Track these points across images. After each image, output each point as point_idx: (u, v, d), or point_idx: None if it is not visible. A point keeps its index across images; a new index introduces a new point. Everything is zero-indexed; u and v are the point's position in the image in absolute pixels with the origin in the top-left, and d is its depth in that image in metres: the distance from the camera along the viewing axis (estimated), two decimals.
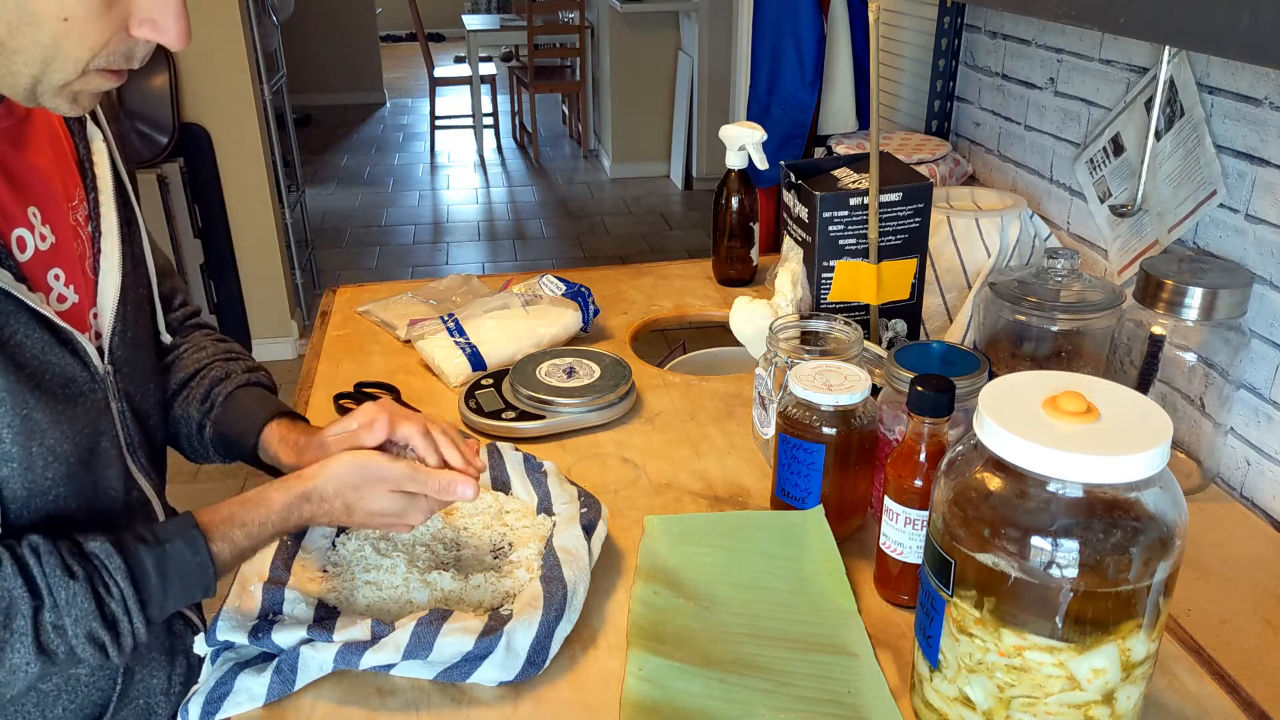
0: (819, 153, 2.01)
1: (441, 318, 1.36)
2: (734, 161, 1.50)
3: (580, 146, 6.46)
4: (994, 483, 0.66)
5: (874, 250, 1.18)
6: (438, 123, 6.58)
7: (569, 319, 1.35)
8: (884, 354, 1.06)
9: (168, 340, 0.96)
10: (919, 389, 0.81)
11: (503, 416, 1.16)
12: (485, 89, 6.50)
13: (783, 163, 1.28)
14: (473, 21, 6.55)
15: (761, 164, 1.49)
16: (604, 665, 0.82)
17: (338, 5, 7.46)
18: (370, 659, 0.77)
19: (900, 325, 1.25)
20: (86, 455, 0.80)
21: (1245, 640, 0.86)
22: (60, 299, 0.79)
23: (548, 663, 0.80)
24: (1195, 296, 0.99)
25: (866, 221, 1.18)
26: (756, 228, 1.55)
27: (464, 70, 6.50)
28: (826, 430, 0.92)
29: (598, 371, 1.22)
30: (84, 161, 0.86)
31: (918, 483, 0.82)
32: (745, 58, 3.04)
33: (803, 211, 1.22)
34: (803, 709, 0.77)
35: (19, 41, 0.65)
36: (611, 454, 1.14)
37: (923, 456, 0.82)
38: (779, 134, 2.10)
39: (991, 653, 0.67)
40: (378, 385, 1.25)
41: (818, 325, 1.06)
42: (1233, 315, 1.00)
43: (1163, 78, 1.14)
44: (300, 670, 0.78)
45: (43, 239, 0.78)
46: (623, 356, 1.30)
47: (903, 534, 0.85)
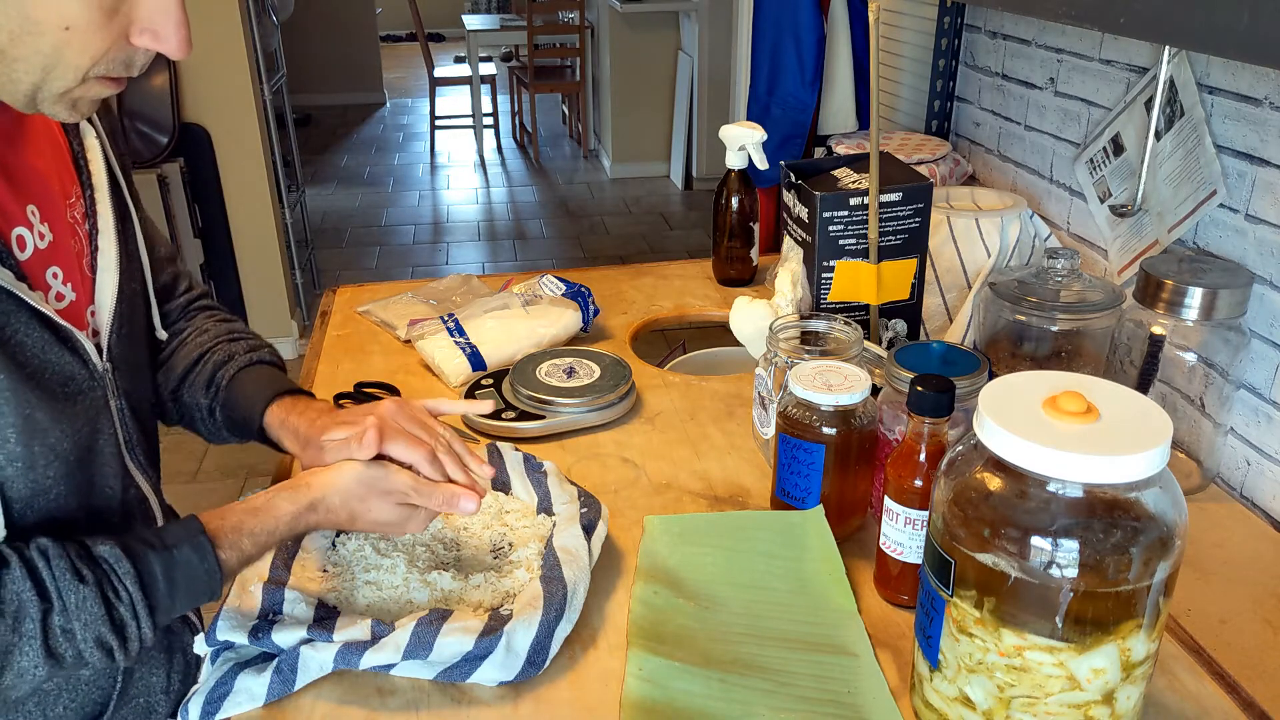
0: (819, 153, 2.01)
1: (441, 318, 1.36)
2: (734, 161, 1.50)
3: (580, 146, 6.47)
4: (994, 483, 0.66)
5: (874, 250, 1.18)
6: (438, 123, 6.58)
7: (569, 319, 1.35)
8: (884, 354, 1.06)
9: (163, 336, 0.96)
10: (919, 389, 0.81)
11: (503, 416, 1.16)
12: (485, 89, 6.50)
13: (783, 163, 1.28)
14: (473, 21, 6.55)
15: (761, 164, 1.49)
16: (604, 665, 0.82)
17: (338, 5, 7.46)
18: (370, 659, 0.77)
19: (900, 325, 1.25)
20: (85, 454, 0.80)
21: (1245, 640, 0.86)
22: (59, 297, 0.79)
23: (548, 663, 0.80)
24: (1195, 296, 0.99)
25: (866, 221, 1.18)
26: (756, 228, 1.55)
27: (464, 70, 6.50)
28: (826, 430, 0.92)
29: (598, 371, 1.22)
30: (79, 158, 0.85)
31: (918, 483, 0.82)
32: (745, 58, 3.04)
33: (803, 211, 1.22)
34: (803, 709, 0.77)
35: (20, 50, 0.65)
36: (611, 454, 1.14)
37: (923, 456, 0.82)
38: (779, 134, 2.10)
39: (991, 653, 0.67)
40: (378, 385, 1.25)
41: (818, 325, 1.06)
42: (1233, 315, 1.00)
43: (1163, 78, 1.14)
44: (300, 670, 0.78)
45: (41, 237, 0.78)
46: (623, 356, 1.30)
47: (903, 534, 0.85)
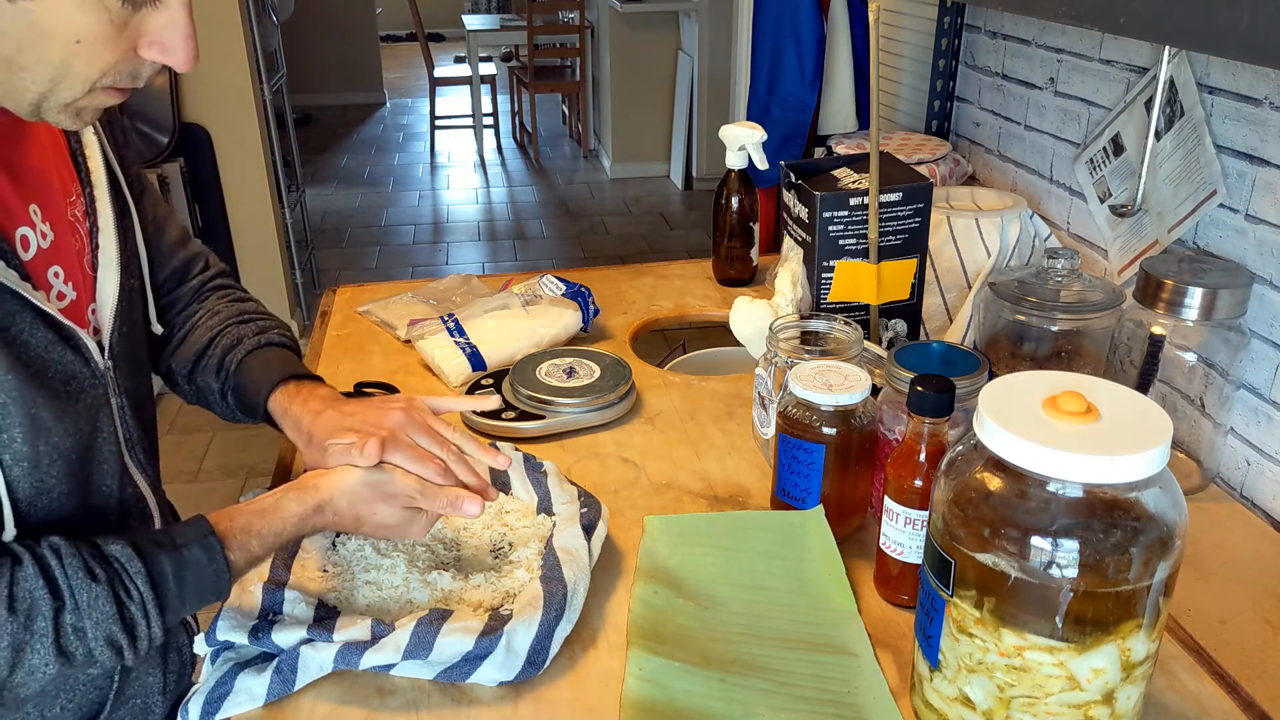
0: (819, 153, 2.01)
1: (441, 318, 1.36)
2: (734, 161, 1.50)
3: (580, 146, 6.47)
4: (994, 483, 0.66)
5: (874, 250, 1.18)
6: (438, 123, 6.58)
7: (569, 319, 1.35)
8: (884, 354, 1.06)
9: (158, 330, 0.96)
10: (919, 389, 0.81)
11: (503, 416, 1.16)
12: (485, 89, 6.50)
13: (783, 163, 1.28)
14: (473, 21, 6.55)
15: (761, 164, 1.49)
16: (604, 665, 0.82)
17: (338, 5, 7.46)
18: (370, 659, 0.77)
19: (900, 325, 1.25)
20: (85, 453, 0.80)
21: (1245, 640, 0.86)
22: (60, 296, 0.79)
23: (548, 663, 0.80)
24: (1195, 296, 0.99)
25: (866, 221, 1.18)
26: (756, 228, 1.55)
27: (464, 70, 6.50)
28: (826, 430, 0.92)
29: (598, 371, 1.22)
30: (77, 156, 0.85)
31: (918, 483, 0.82)
32: (745, 58, 3.04)
33: (803, 211, 1.22)
34: (803, 709, 0.77)
35: (28, 59, 0.65)
36: (611, 454, 1.14)
37: (923, 456, 0.82)
38: (779, 134, 2.10)
39: (991, 653, 0.67)
40: (378, 385, 1.25)
41: (818, 325, 1.06)
42: (1233, 315, 1.00)
43: (1163, 78, 1.14)
44: (300, 670, 0.78)
45: (44, 237, 0.78)
46: (623, 356, 1.30)
47: (903, 534, 0.85)
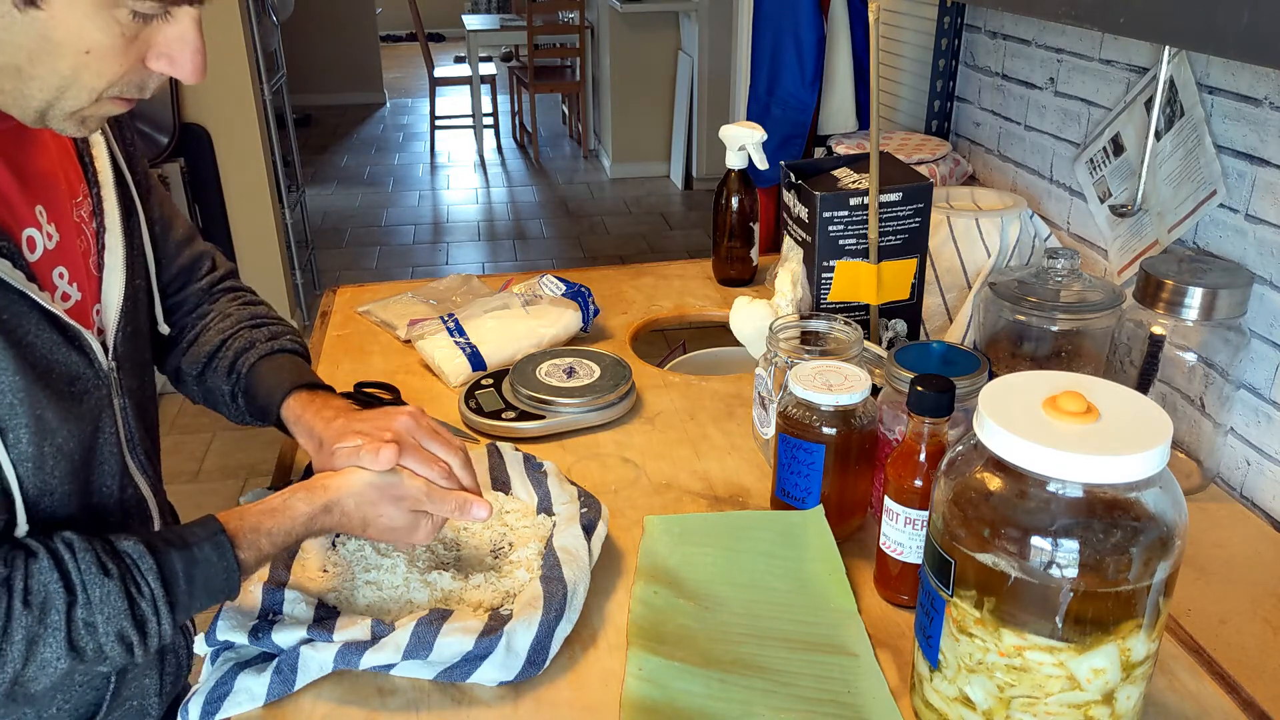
0: (819, 153, 2.01)
1: (441, 318, 1.36)
2: (734, 161, 1.50)
3: (580, 146, 6.47)
4: (994, 483, 0.66)
5: (874, 250, 1.18)
6: (438, 123, 6.58)
7: (569, 319, 1.35)
8: (884, 354, 1.06)
9: (165, 330, 0.96)
10: (919, 389, 0.81)
11: (503, 416, 1.16)
12: (485, 89, 6.50)
13: (783, 163, 1.28)
14: (473, 21, 6.55)
15: (761, 164, 1.49)
16: (604, 665, 0.82)
17: (338, 5, 7.46)
18: (370, 659, 0.77)
19: (900, 325, 1.25)
20: (87, 454, 0.80)
21: (1245, 640, 0.86)
22: (64, 297, 0.79)
23: (548, 663, 0.80)
24: (1195, 296, 0.99)
25: (866, 221, 1.18)
26: (756, 228, 1.55)
27: (464, 70, 6.50)
28: (826, 430, 0.92)
29: (598, 371, 1.22)
30: (84, 156, 0.85)
31: (918, 483, 0.82)
32: (745, 58, 3.04)
33: (803, 211, 1.22)
34: (803, 709, 0.77)
35: (37, 69, 0.65)
36: (611, 454, 1.14)
37: (923, 456, 0.82)
38: (779, 134, 2.10)
39: (991, 653, 0.67)
40: (378, 385, 1.25)
41: (818, 325, 1.06)
42: (1233, 315, 1.00)
43: (1163, 78, 1.14)
44: (300, 670, 0.78)
45: (50, 238, 0.78)
46: (623, 356, 1.30)
47: (903, 534, 0.85)
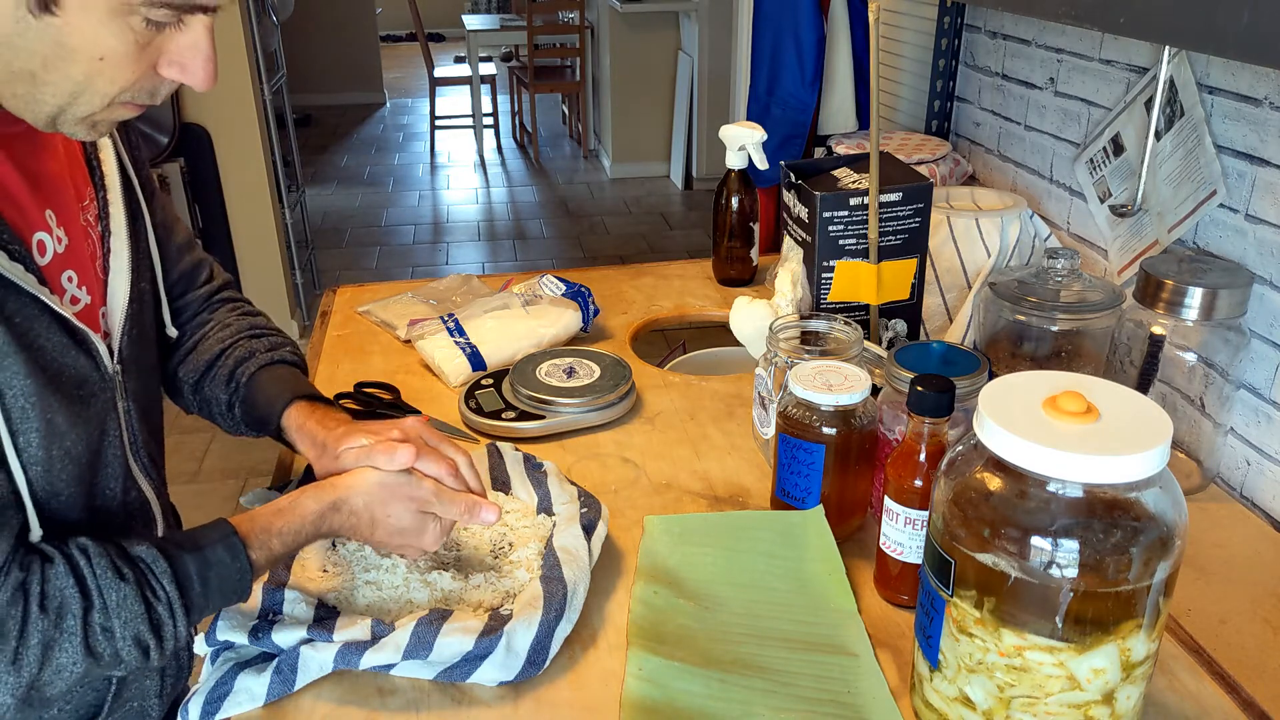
0: (819, 153, 2.01)
1: (441, 318, 1.36)
2: (734, 161, 1.50)
3: (580, 146, 6.46)
4: (994, 483, 0.66)
5: (874, 250, 1.18)
6: (438, 123, 6.58)
7: (569, 319, 1.35)
8: (884, 354, 1.06)
9: (173, 334, 0.96)
10: (919, 389, 0.81)
11: (503, 416, 1.16)
12: (485, 89, 6.50)
13: (783, 163, 1.28)
14: (473, 21, 6.55)
15: (761, 164, 1.49)
16: (604, 665, 0.82)
17: (338, 5, 7.46)
18: (370, 659, 0.77)
19: (900, 325, 1.25)
20: (93, 457, 0.80)
21: (1245, 640, 0.86)
22: (73, 301, 0.79)
23: (548, 663, 0.80)
24: (1195, 296, 0.99)
25: (866, 221, 1.18)
26: (756, 228, 1.55)
27: (464, 70, 6.50)
28: (826, 430, 0.92)
29: (598, 371, 1.22)
30: (91, 159, 0.85)
31: (918, 483, 0.82)
32: (745, 58, 3.04)
33: (803, 211, 1.22)
34: (803, 709, 0.77)
35: (51, 75, 0.65)
36: (611, 454, 1.14)
37: (923, 456, 0.82)
38: (779, 134, 2.10)
39: (991, 653, 0.67)
40: (378, 385, 1.25)
41: (818, 325, 1.06)
42: (1233, 315, 1.00)
43: (1163, 78, 1.14)
44: (300, 670, 0.78)
45: (59, 241, 0.78)
46: (623, 356, 1.30)
47: (903, 534, 0.85)
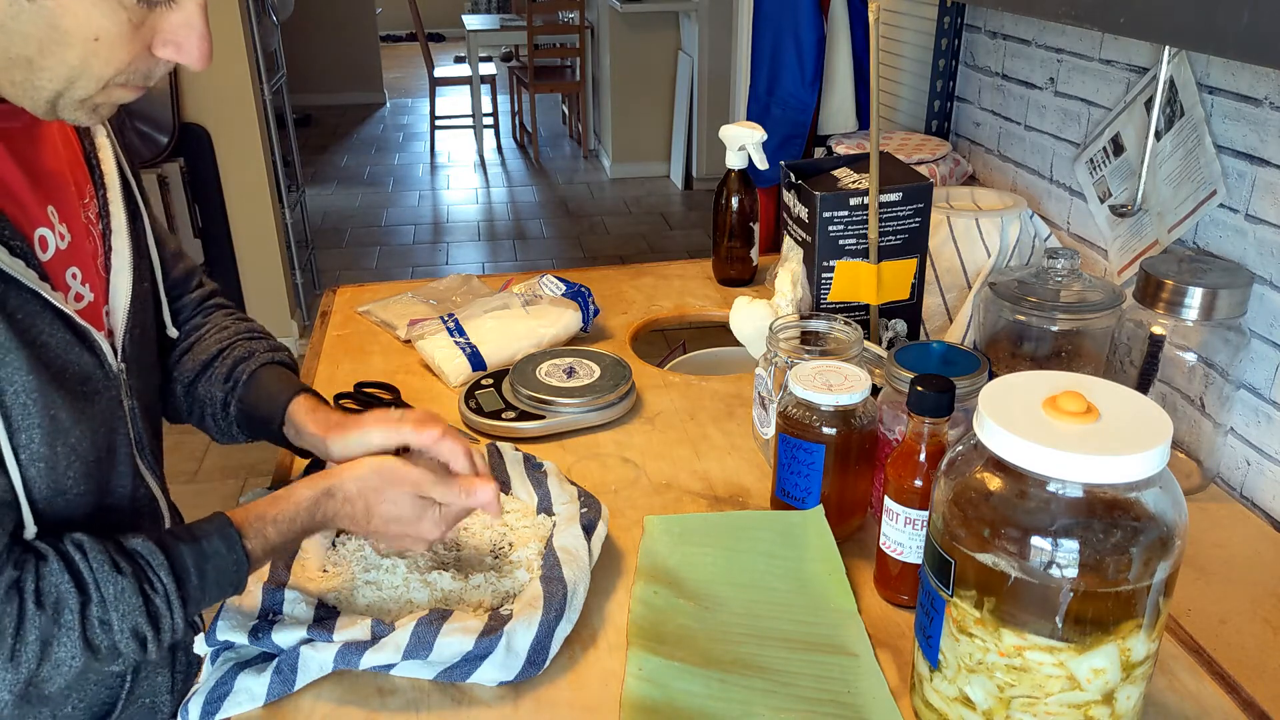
0: (819, 153, 2.01)
1: (441, 318, 1.36)
2: (734, 161, 1.50)
3: (580, 146, 6.46)
4: (994, 483, 0.66)
5: (874, 250, 1.18)
6: (438, 123, 6.58)
7: (569, 319, 1.35)
8: (884, 354, 1.06)
9: (174, 334, 0.96)
10: (919, 389, 0.81)
11: (503, 416, 1.16)
12: (485, 89, 6.50)
13: (783, 163, 1.28)
14: (473, 21, 6.55)
15: (761, 164, 1.49)
16: (604, 665, 0.82)
17: (338, 5, 7.46)
18: (370, 659, 0.77)
19: (900, 325, 1.25)
20: (102, 454, 0.80)
21: (1245, 640, 0.86)
22: (78, 298, 0.80)
23: (548, 663, 0.80)
24: (1195, 296, 0.99)
25: (866, 221, 1.18)
26: (756, 228, 1.55)
27: (464, 70, 6.50)
28: (826, 430, 0.92)
29: (598, 371, 1.22)
30: (91, 158, 0.86)
31: (918, 483, 0.82)
32: (745, 58, 3.04)
33: (803, 211, 1.22)
34: (803, 709, 0.77)
35: (47, 60, 0.65)
36: (611, 454, 1.14)
37: (923, 456, 0.82)
38: (779, 134, 2.10)
39: (991, 653, 0.67)
40: (378, 385, 1.25)
41: (818, 325, 1.06)
42: (1233, 315, 1.00)
43: (1163, 78, 1.14)
44: (300, 670, 0.78)
45: (61, 238, 0.78)
46: (623, 356, 1.30)
47: (903, 534, 0.85)
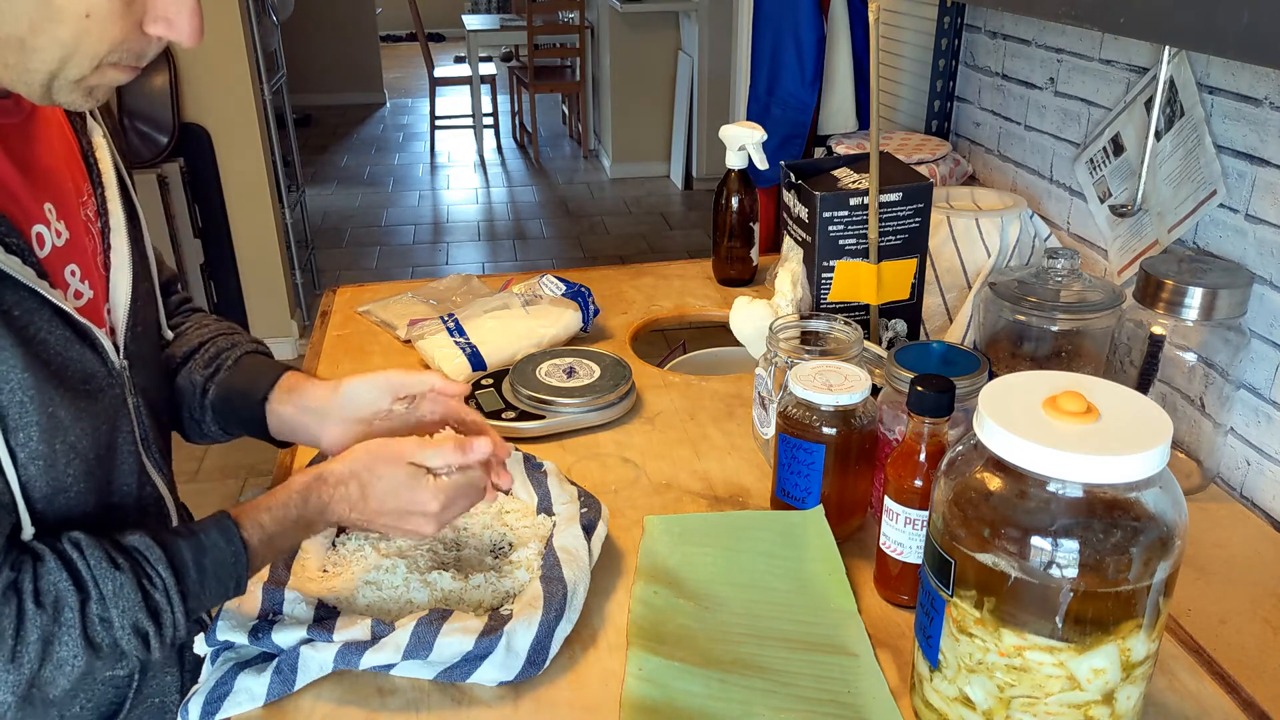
0: (819, 153, 2.01)
1: (441, 318, 1.36)
2: (734, 161, 1.50)
3: (580, 146, 6.46)
4: (994, 483, 0.66)
5: (874, 250, 1.18)
6: (438, 123, 6.58)
7: (569, 319, 1.35)
8: (884, 354, 1.06)
9: (169, 336, 0.97)
10: (919, 389, 0.81)
11: (503, 416, 1.16)
12: (485, 89, 6.50)
13: (783, 163, 1.28)
14: (473, 21, 6.55)
15: (761, 164, 1.49)
16: (604, 665, 0.82)
17: (338, 5, 7.46)
18: (370, 659, 0.77)
19: (900, 325, 1.25)
20: (105, 451, 0.80)
21: (1245, 640, 0.86)
22: (77, 295, 0.79)
23: (548, 663, 0.80)
24: (1195, 296, 0.99)
25: (866, 221, 1.18)
26: (756, 228, 1.55)
27: (464, 70, 6.50)
28: (826, 430, 0.92)
29: (598, 371, 1.22)
30: (88, 157, 0.86)
31: (918, 483, 0.82)
32: (745, 58, 3.04)
33: (803, 211, 1.22)
34: (803, 709, 0.77)
35: (40, 39, 0.65)
36: (611, 454, 1.14)
37: (923, 456, 0.82)
38: (779, 134, 2.10)
39: (991, 653, 0.67)
40: None
41: (818, 325, 1.06)
42: (1233, 315, 1.00)
43: (1163, 78, 1.14)
44: (300, 670, 0.78)
45: (59, 235, 0.78)
46: (623, 356, 1.30)
47: (903, 534, 0.85)
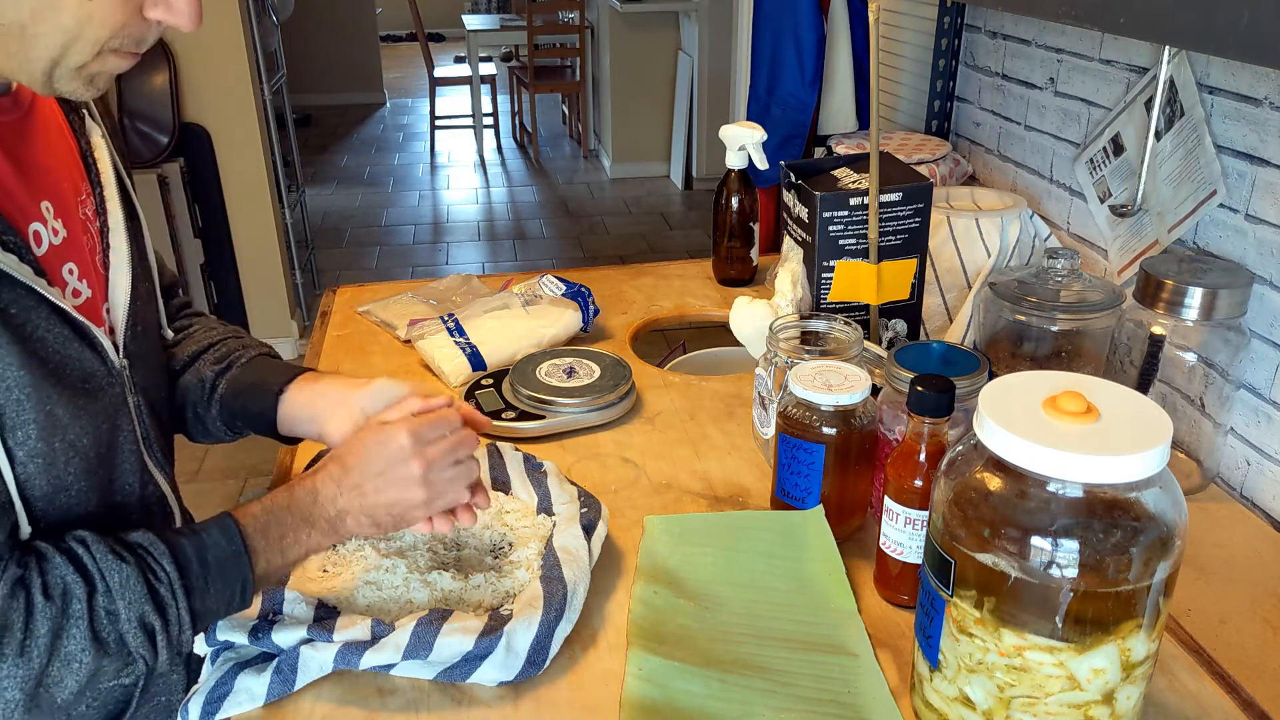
0: (819, 153, 2.01)
1: (441, 318, 1.36)
2: (734, 161, 1.50)
3: (580, 146, 6.46)
4: (994, 483, 0.66)
5: (874, 250, 1.18)
6: (438, 123, 6.58)
7: (569, 319, 1.35)
8: (884, 354, 1.06)
9: (170, 336, 0.97)
10: (919, 389, 0.81)
11: (503, 416, 1.16)
12: (485, 89, 6.50)
13: (783, 163, 1.28)
14: (473, 21, 6.55)
15: (761, 164, 1.49)
16: (604, 665, 0.82)
17: (338, 5, 7.46)
18: (370, 659, 0.77)
19: (900, 325, 1.25)
20: (105, 450, 0.80)
21: (1245, 640, 0.86)
22: (75, 294, 0.79)
23: (548, 663, 0.80)
24: (1195, 296, 0.99)
25: (866, 221, 1.18)
26: (756, 228, 1.55)
27: (464, 70, 6.50)
28: (826, 430, 0.92)
29: (598, 371, 1.22)
30: (86, 156, 0.86)
31: (918, 483, 0.82)
32: (745, 58, 3.04)
33: (803, 211, 1.22)
34: (803, 709, 0.77)
35: (41, 26, 0.65)
36: (611, 454, 1.14)
37: (923, 456, 0.82)
38: (779, 134, 2.10)
39: (991, 653, 0.67)
40: None
41: (818, 325, 1.06)
42: (1233, 315, 1.00)
43: (1163, 78, 1.14)
44: (300, 670, 0.78)
45: (56, 233, 0.78)
46: (623, 356, 1.30)
47: (903, 534, 0.85)
